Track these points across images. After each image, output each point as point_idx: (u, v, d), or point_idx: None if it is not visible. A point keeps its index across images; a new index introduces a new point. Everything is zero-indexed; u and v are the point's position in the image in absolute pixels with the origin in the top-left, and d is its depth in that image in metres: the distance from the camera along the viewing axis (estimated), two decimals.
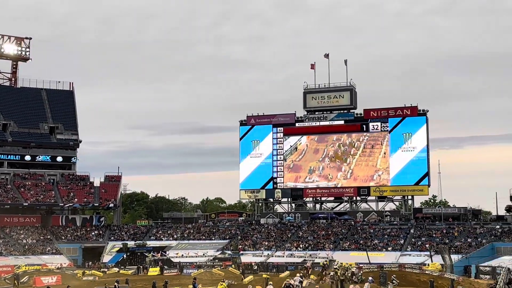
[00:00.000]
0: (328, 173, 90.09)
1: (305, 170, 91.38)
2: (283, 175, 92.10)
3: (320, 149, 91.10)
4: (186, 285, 48.01)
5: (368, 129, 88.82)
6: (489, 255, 67.89)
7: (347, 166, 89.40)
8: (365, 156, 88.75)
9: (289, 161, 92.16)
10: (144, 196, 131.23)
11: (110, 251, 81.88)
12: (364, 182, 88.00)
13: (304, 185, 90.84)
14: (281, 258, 74.34)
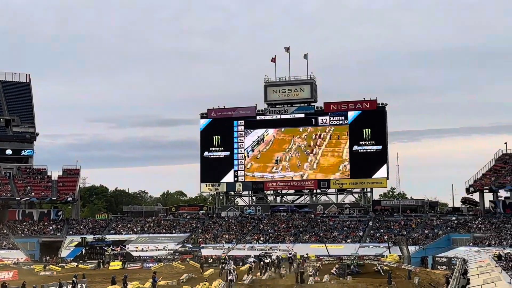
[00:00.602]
0: (294, 163, 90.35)
1: (271, 160, 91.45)
2: (251, 166, 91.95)
3: (287, 141, 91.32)
4: (145, 279, 47.68)
5: (328, 122, 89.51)
6: (445, 246, 69.40)
7: (313, 157, 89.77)
8: (328, 149, 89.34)
9: (256, 152, 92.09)
10: (103, 189, 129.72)
11: (68, 245, 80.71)
12: (329, 173, 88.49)
13: (271, 176, 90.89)
14: (241, 251, 74.48)
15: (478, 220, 76.01)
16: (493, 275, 32.44)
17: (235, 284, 39.82)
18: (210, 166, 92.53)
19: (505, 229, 69.84)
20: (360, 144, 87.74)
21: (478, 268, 40.14)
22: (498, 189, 77.89)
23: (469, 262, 48.66)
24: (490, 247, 60.65)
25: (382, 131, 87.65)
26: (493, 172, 79.56)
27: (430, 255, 64.27)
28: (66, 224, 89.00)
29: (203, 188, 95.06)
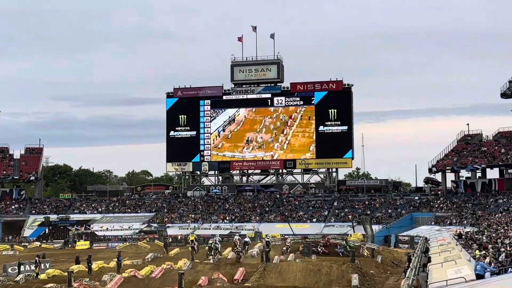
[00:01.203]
0: (264, 144, 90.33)
1: (243, 140, 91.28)
2: (222, 145, 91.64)
3: (258, 121, 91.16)
4: (110, 258, 47.44)
5: (294, 102, 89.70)
6: (408, 225, 70.69)
7: (283, 137, 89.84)
8: (299, 129, 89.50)
9: (227, 132, 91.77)
10: (67, 168, 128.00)
11: (31, 225, 79.79)
12: (299, 154, 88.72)
13: (242, 156, 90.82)
14: (207, 230, 74.64)
15: (440, 199, 77.51)
16: (454, 253, 33.17)
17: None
18: (176, 146, 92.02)
19: (465, 209, 71.38)
20: (326, 124, 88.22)
21: (439, 247, 40.98)
22: (459, 169, 79.43)
23: (430, 240, 49.65)
24: (451, 226, 61.95)
25: (348, 112, 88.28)
26: (455, 153, 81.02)
27: (393, 234, 65.37)
28: (29, 204, 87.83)
29: (169, 168, 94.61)
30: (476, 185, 77.61)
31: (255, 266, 37.69)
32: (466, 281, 21.02)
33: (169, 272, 36.55)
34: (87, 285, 31.20)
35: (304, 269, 34.68)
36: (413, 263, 31.14)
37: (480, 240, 34.77)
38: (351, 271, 33.30)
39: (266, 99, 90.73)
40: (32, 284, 32.08)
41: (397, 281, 33.79)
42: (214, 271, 35.63)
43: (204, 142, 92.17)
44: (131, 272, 35.74)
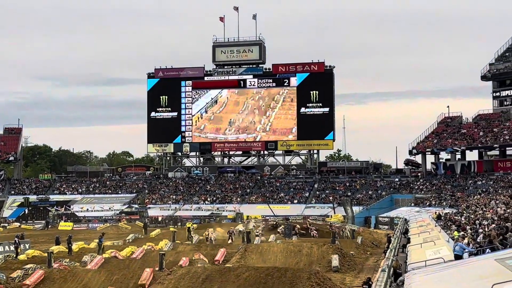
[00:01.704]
0: (247, 126, 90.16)
1: (225, 122, 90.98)
2: (204, 127, 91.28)
3: (241, 102, 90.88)
4: (91, 239, 47.32)
5: (277, 84, 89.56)
6: (388, 206, 71.32)
7: (266, 119, 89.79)
8: (282, 111, 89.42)
9: (209, 113, 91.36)
10: (47, 149, 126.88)
11: (10, 205, 79.18)
12: (282, 136, 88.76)
13: (224, 137, 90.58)
14: (189, 211, 74.66)
15: (420, 181, 78.21)
16: (433, 234, 33.48)
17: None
18: (157, 127, 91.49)
19: (445, 190, 72.12)
20: (307, 106, 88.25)
21: (418, 228, 41.32)
22: (439, 151, 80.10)
23: (410, 222, 50.07)
24: (431, 208, 62.56)
25: (330, 93, 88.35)
26: (435, 135, 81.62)
27: (373, 215, 65.93)
28: (8, 184, 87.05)
29: (150, 149, 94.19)
30: (456, 167, 78.38)
31: (236, 247, 37.82)
32: (445, 261, 21.23)
33: (150, 253, 36.55)
34: (67, 265, 31.07)
35: (285, 250, 34.88)
36: (393, 244, 31.40)
37: (459, 221, 35.14)
38: (331, 252, 33.54)
39: (248, 80, 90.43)
40: (12, 265, 31.88)
41: (377, 261, 34.13)
42: (195, 252, 35.70)
43: (186, 123, 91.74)
44: (111, 253, 35.67)
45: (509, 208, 33.10)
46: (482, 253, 20.86)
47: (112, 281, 26.33)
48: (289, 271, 25.23)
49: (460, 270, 18.30)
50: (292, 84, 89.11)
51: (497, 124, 77.61)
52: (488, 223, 28.25)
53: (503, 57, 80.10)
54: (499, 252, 19.24)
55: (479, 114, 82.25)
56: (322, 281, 23.94)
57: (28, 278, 26.89)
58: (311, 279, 23.73)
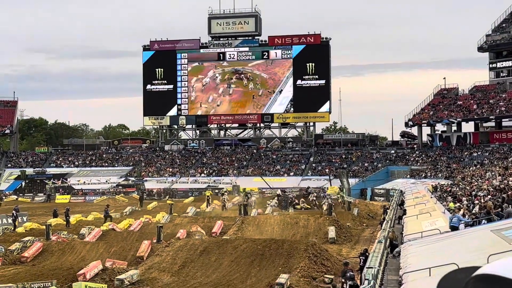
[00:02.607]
0: (241, 97, 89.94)
1: (218, 93, 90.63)
2: (195, 97, 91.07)
3: (235, 73, 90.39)
4: (88, 212, 47.50)
5: (273, 56, 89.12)
6: (384, 178, 71.58)
7: (260, 90, 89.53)
8: (274, 82, 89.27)
9: (199, 85, 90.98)
10: (42, 122, 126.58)
11: (7, 178, 79.25)
12: (275, 106, 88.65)
13: (213, 110, 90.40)
14: (185, 184, 74.87)
15: (416, 153, 78.44)
16: (428, 206, 33.72)
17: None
18: (153, 100, 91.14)
19: (440, 162, 72.41)
20: (303, 78, 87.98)
21: (414, 199, 41.63)
22: (435, 123, 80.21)
23: (406, 193, 50.41)
24: (426, 179, 62.90)
25: (326, 65, 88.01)
26: (431, 107, 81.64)
27: (369, 187, 66.21)
28: (5, 157, 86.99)
29: (146, 122, 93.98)
30: (451, 139, 78.56)
31: (233, 220, 38.02)
32: (441, 232, 21.43)
33: (148, 225, 36.74)
34: (65, 238, 31.24)
35: (282, 222, 35.09)
36: (389, 216, 31.63)
37: (455, 193, 35.38)
38: (328, 224, 33.77)
39: (243, 52, 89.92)
40: (10, 237, 32.03)
41: (373, 233, 34.38)
42: (192, 224, 35.88)
43: (182, 96, 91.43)
44: (109, 225, 35.83)
45: (505, 179, 33.30)
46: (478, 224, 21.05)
47: (110, 253, 26.51)
48: (286, 243, 25.42)
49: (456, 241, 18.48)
50: (287, 56, 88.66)
51: (493, 95, 77.62)
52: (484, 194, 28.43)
53: (499, 28, 79.77)
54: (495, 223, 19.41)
55: (475, 86, 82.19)
56: (319, 253, 24.15)
57: (27, 251, 27.05)
58: (308, 250, 23.93)
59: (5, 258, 26.07)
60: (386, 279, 17.11)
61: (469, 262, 12.45)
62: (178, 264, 24.02)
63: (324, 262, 23.55)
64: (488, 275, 1.33)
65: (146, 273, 22.97)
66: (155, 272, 23.22)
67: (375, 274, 14.49)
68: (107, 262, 23.87)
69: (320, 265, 23.27)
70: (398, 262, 18.94)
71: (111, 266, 23.49)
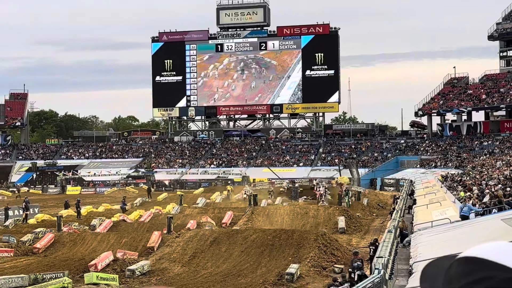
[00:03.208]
0: (250, 87, 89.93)
1: (228, 84, 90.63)
2: (205, 89, 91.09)
3: (244, 65, 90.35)
4: (98, 203, 47.78)
5: (281, 46, 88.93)
6: (393, 168, 71.40)
7: (267, 80, 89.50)
8: (283, 73, 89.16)
9: (214, 76, 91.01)
10: (53, 114, 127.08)
11: (18, 170, 79.76)
12: (284, 97, 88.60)
13: (223, 100, 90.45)
14: (195, 175, 75.04)
15: (426, 143, 78.14)
16: (439, 195, 33.63)
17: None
18: (162, 91, 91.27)
19: (450, 151, 72.10)
20: (312, 68, 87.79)
21: (424, 189, 41.51)
22: (445, 113, 79.84)
23: (416, 183, 50.27)
24: (436, 169, 62.65)
25: (335, 55, 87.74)
26: (441, 96, 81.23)
27: (379, 177, 66.09)
28: (16, 149, 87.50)
29: (155, 113, 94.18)
30: (462, 128, 78.19)
31: (243, 210, 38.11)
32: (451, 222, 21.37)
33: (158, 216, 36.89)
34: (77, 229, 31.45)
35: (292, 212, 35.13)
36: (399, 205, 31.61)
37: (465, 182, 35.25)
38: (337, 214, 33.78)
39: (252, 43, 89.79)
40: (22, 229, 32.28)
41: (383, 223, 34.37)
42: (202, 215, 36.01)
43: (191, 87, 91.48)
44: (120, 216, 36.01)
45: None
46: (488, 213, 20.98)
47: (121, 244, 26.66)
48: (296, 233, 25.47)
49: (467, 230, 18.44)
50: (296, 47, 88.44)
51: (504, 84, 77.09)
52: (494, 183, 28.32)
53: (510, 16, 79.10)
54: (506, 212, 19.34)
55: (486, 75, 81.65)
56: (329, 242, 24.17)
57: (39, 242, 27.26)
58: (317, 240, 23.96)
59: (17, 249, 26.29)
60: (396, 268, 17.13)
61: None
62: (189, 254, 24.12)
63: (334, 252, 23.58)
64: (471, 257, 1.38)
65: (156, 264, 23.10)
66: (165, 263, 23.34)
67: (385, 264, 14.51)
68: (118, 253, 24.02)
69: (330, 255, 23.30)
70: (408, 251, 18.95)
71: (122, 256, 23.64)
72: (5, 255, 24.99)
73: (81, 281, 20.13)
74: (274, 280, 19.80)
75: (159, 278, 21.46)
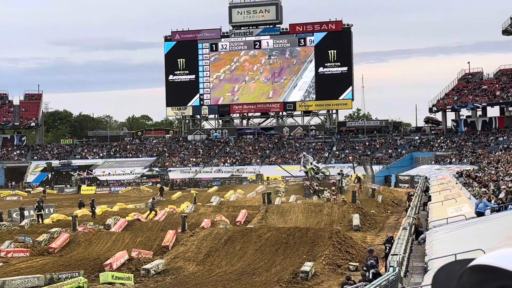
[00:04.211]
0: (264, 87, 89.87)
1: (241, 82, 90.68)
2: (218, 87, 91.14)
3: (257, 63, 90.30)
4: (113, 202, 47.98)
5: (294, 44, 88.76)
6: (408, 165, 71.03)
7: (280, 78, 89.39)
8: (295, 70, 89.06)
9: (225, 73, 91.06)
10: (67, 114, 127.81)
11: (33, 170, 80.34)
12: (297, 94, 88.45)
13: (236, 98, 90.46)
14: (209, 174, 75.14)
15: (440, 139, 77.65)
16: (454, 192, 33.44)
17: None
18: (175, 90, 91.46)
19: (465, 147, 71.59)
20: (325, 66, 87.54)
21: (439, 185, 41.30)
22: (460, 108, 79.29)
23: (431, 179, 50.03)
24: (451, 165, 62.26)
25: (348, 52, 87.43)
26: (455, 92, 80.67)
27: (394, 174, 65.76)
28: (31, 150, 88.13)
29: (168, 112, 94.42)
30: (477, 124, 77.63)
31: (257, 208, 38.07)
32: (467, 218, 21.22)
33: (172, 215, 36.97)
34: (92, 229, 31.59)
35: (306, 210, 35.01)
36: (414, 202, 31.42)
37: (481, 178, 34.98)
38: (352, 211, 33.62)
39: (265, 41, 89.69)
40: (37, 229, 32.48)
41: (398, 220, 34.17)
42: (216, 213, 36.03)
43: (204, 86, 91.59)
44: (134, 215, 36.14)
45: None
46: (504, 209, 20.79)
47: (136, 243, 26.73)
48: (310, 231, 25.38)
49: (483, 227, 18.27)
50: (309, 44, 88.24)
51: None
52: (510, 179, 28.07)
53: None
54: None
55: (500, 70, 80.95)
56: (344, 240, 24.07)
57: (54, 241, 27.40)
58: (332, 238, 23.87)
59: (33, 249, 26.45)
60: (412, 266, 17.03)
61: (495, 247, 12.28)
62: (203, 253, 24.14)
63: (348, 250, 23.47)
64: (483, 265, 1.35)
65: (171, 263, 23.13)
66: (180, 262, 23.37)
67: (400, 261, 14.41)
68: (133, 252, 24.08)
69: (345, 252, 23.20)
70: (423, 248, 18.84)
71: (137, 256, 23.70)
72: (21, 255, 25.17)
73: (96, 280, 20.20)
74: (288, 278, 19.74)
75: (173, 277, 21.49)
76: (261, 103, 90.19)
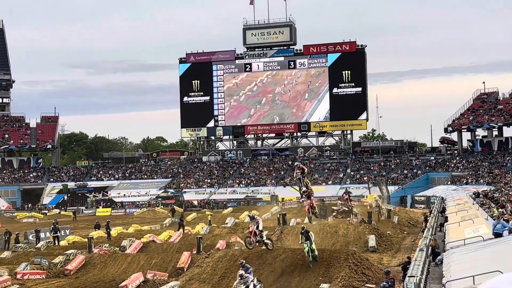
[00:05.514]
0: (279, 107, 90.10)
1: (256, 104, 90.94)
2: (232, 108, 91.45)
3: (272, 84, 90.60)
4: (128, 224, 48.07)
5: (308, 65, 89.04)
6: (424, 185, 70.59)
7: (296, 100, 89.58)
8: (310, 91, 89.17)
9: (242, 96, 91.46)
10: (83, 136, 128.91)
11: (50, 192, 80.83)
12: (312, 115, 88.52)
13: (253, 120, 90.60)
14: (223, 195, 75.13)
15: (456, 159, 77.15)
16: (471, 212, 33.09)
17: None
18: (190, 111, 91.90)
19: (482, 167, 71.04)
20: (340, 86, 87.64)
21: (456, 206, 40.89)
22: (475, 128, 78.84)
23: (447, 200, 49.56)
24: (468, 186, 61.78)
25: (362, 73, 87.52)
26: (471, 112, 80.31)
27: (409, 195, 65.36)
28: (47, 172, 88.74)
29: (183, 134, 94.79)
30: (493, 144, 77.10)
31: (272, 229, 37.92)
32: (484, 239, 20.99)
33: (187, 236, 36.93)
34: (107, 250, 31.64)
35: (321, 231, 34.82)
36: (430, 223, 31.13)
37: (498, 199, 34.65)
38: (368, 232, 33.38)
39: (279, 62, 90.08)
40: (54, 251, 32.59)
41: (414, 241, 33.88)
42: (231, 235, 35.95)
43: (218, 107, 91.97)
44: (150, 237, 36.16)
45: None
46: None
47: (151, 265, 26.74)
48: (326, 252, 25.23)
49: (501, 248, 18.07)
50: (323, 65, 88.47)
51: None
52: None
53: None
54: None
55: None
56: (360, 261, 23.89)
57: (70, 263, 27.48)
58: (348, 259, 23.71)
59: (49, 271, 26.53)
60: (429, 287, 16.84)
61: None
62: (218, 275, 24.06)
63: (365, 271, 23.28)
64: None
65: (186, 284, 23.07)
66: (195, 283, 23.30)
67: (417, 283, 14.28)
68: (148, 273, 24.08)
69: (361, 274, 23.01)
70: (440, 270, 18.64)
71: (152, 277, 23.69)
72: (38, 277, 25.26)
73: None
74: None
75: None
76: (275, 124, 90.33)
